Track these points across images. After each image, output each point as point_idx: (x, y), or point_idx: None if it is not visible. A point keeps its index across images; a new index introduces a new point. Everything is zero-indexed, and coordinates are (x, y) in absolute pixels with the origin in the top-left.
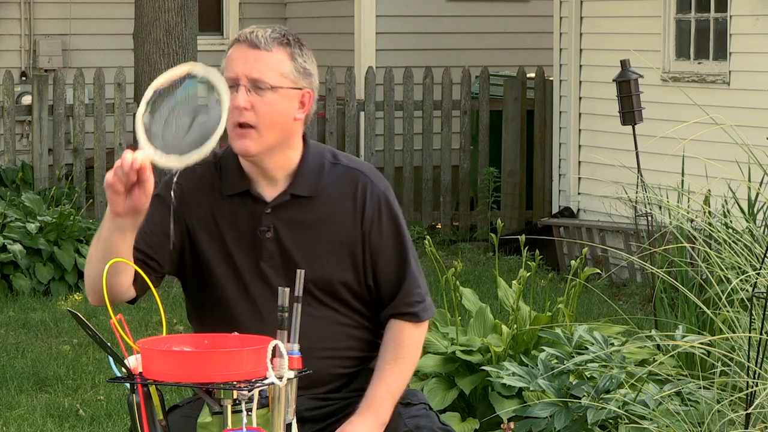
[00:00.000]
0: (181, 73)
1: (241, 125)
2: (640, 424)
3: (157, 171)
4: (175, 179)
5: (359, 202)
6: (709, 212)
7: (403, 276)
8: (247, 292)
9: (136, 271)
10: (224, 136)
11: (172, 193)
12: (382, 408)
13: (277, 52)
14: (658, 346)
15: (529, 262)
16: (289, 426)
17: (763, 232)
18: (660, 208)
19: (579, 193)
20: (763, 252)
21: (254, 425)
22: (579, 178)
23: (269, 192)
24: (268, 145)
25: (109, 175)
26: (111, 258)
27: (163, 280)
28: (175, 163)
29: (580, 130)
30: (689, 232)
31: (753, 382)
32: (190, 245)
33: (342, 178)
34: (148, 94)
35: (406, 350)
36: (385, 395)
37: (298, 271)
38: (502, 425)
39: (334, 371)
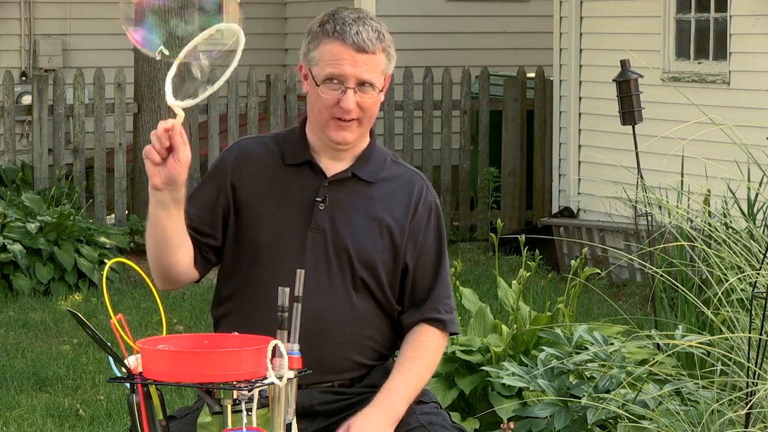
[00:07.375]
0: (211, 31)
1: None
2: (640, 423)
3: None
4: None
5: (414, 201)
6: (709, 212)
7: (437, 282)
8: (288, 258)
9: (195, 252)
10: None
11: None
12: (397, 401)
13: (379, 53)
14: (658, 346)
15: (529, 262)
16: (289, 426)
17: (763, 232)
18: (660, 208)
19: (579, 193)
20: (763, 252)
21: (254, 425)
22: (579, 179)
23: (331, 167)
24: (362, 134)
25: (147, 147)
26: (161, 238)
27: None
28: (189, 103)
29: (580, 130)
30: (689, 232)
31: (752, 382)
32: (236, 211)
33: (402, 175)
34: (182, 55)
35: (426, 351)
36: (401, 390)
37: (299, 271)
38: (502, 425)
39: (352, 358)
